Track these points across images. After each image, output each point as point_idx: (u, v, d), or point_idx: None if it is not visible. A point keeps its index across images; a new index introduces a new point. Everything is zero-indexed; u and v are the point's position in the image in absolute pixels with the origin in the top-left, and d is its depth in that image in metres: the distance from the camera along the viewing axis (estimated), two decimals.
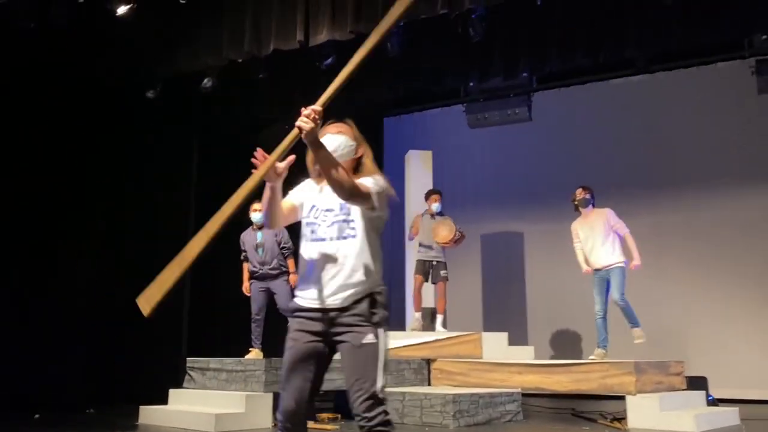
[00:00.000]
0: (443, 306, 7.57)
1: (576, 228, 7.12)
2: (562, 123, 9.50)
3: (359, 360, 2.45)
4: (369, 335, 2.48)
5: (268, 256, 6.48)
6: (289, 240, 6.50)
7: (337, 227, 2.58)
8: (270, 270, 6.47)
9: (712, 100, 8.64)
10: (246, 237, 6.60)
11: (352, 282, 2.53)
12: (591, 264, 6.92)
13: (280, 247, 6.51)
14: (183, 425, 5.71)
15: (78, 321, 7.29)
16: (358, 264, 2.55)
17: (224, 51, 6.83)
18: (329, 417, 6.20)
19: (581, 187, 7.08)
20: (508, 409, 6.39)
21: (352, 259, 2.55)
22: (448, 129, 9.88)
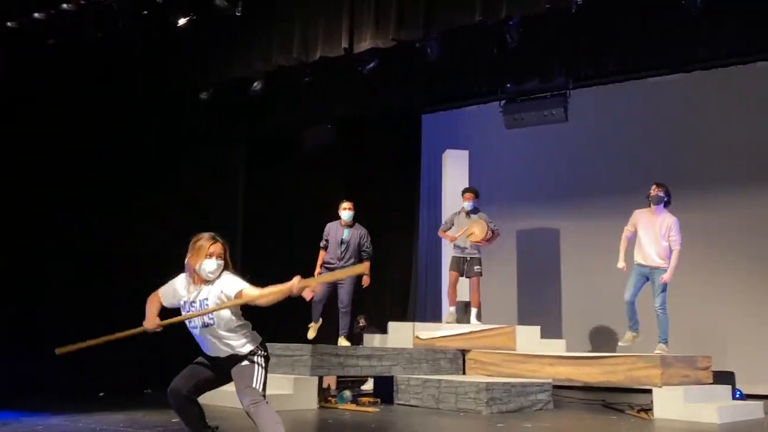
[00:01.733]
0: (477, 300, 7.92)
1: (637, 216, 7.05)
2: (597, 122, 9.72)
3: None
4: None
5: (348, 254, 6.99)
6: (370, 245, 7.08)
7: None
8: (343, 265, 7.00)
9: (750, 100, 8.76)
10: (332, 229, 7.20)
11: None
12: (635, 256, 6.98)
13: (361, 249, 7.01)
14: (235, 405, 6.17)
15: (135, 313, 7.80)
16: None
17: (274, 57, 7.27)
18: (369, 401, 6.63)
19: (656, 183, 7.02)
20: (539, 399, 6.73)
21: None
22: (485, 126, 10.16)
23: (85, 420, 5.09)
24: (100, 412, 5.55)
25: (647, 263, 6.86)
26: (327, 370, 6.56)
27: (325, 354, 6.57)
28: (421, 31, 6.58)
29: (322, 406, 6.41)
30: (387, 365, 6.95)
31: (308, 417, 5.84)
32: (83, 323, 7.07)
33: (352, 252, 7.14)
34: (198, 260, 3.50)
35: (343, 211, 7.18)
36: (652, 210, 6.96)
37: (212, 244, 3.54)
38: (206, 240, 3.55)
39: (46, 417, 5.19)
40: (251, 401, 3.46)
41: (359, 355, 6.82)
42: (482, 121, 10.00)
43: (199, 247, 3.53)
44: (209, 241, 3.55)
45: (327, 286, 7.11)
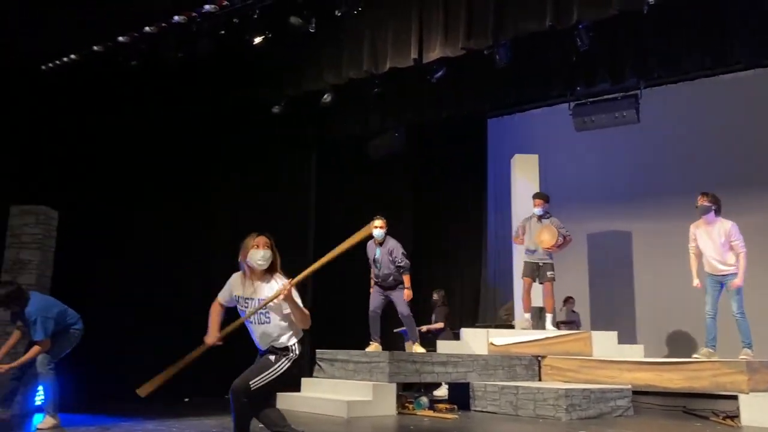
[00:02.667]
0: (551, 305, 7.86)
1: (693, 231, 6.93)
2: (669, 121, 9.53)
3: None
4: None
5: (383, 271, 7.03)
6: (403, 259, 7.02)
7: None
8: (384, 282, 7.06)
9: None
10: (369, 248, 7.18)
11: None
12: (705, 267, 6.84)
13: (395, 265, 7.03)
14: (317, 410, 6.35)
15: None
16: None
17: (344, 70, 7.43)
18: (446, 407, 6.67)
19: (702, 193, 6.84)
20: (619, 405, 6.63)
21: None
22: (552, 129, 10.10)
23: (178, 425, 5.32)
24: (190, 417, 5.78)
25: (716, 273, 6.73)
26: (404, 377, 6.65)
27: (402, 361, 6.66)
28: (490, 39, 6.62)
29: (400, 413, 6.49)
30: (462, 372, 6.99)
31: (388, 423, 5.94)
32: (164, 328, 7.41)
33: (386, 269, 7.04)
34: (246, 253, 3.76)
35: (375, 229, 6.95)
36: (705, 220, 6.78)
37: (257, 236, 3.80)
38: (250, 238, 3.82)
39: (140, 422, 5.45)
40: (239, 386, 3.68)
41: (435, 362, 6.89)
42: (551, 125, 9.94)
43: (245, 243, 3.80)
44: (253, 237, 3.82)
45: (380, 298, 7.11)
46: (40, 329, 5.26)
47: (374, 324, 7.19)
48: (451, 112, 8.69)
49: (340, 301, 8.78)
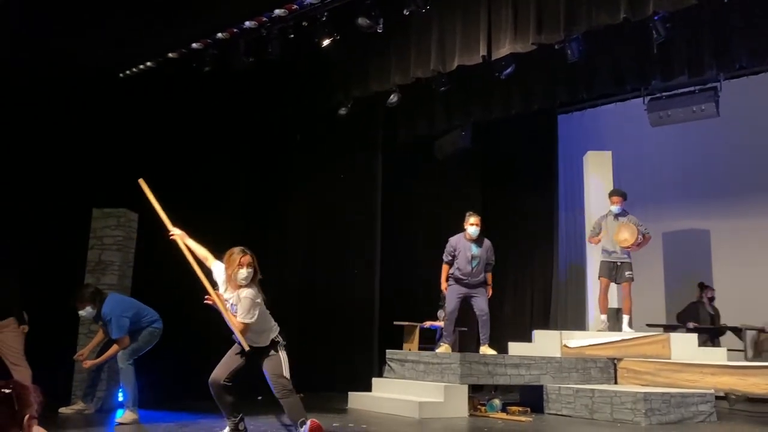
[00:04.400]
0: (629, 306, 7.62)
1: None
2: (750, 115, 9.11)
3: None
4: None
5: (477, 269, 6.99)
6: (493, 256, 7.07)
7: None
8: (472, 280, 7.02)
9: None
10: (459, 245, 7.09)
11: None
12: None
13: (488, 263, 7.04)
14: (389, 411, 6.35)
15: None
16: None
17: (411, 70, 7.40)
18: (519, 410, 6.56)
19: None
20: (701, 410, 6.36)
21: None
22: (626, 125, 9.81)
23: (254, 423, 5.41)
24: (263, 415, 5.87)
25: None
26: (476, 378, 6.57)
27: (474, 362, 6.58)
28: (562, 34, 6.46)
29: (472, 415, 6.41)
30: (536, 374, 6.85)
31: (461, 425, 5.87)
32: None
33: (482, 267, 7.06)
34: (232, 269, 4.29)
35: (471, 226, 7.01)
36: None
37: (242, 257, 4.30)
38: (238, 253, 4.32)
39: (217, 419, 5.55)
40: (283, 389, 4.40)
41: (507, 364, 6.77)
42: (624, 120, 9.67)
43: (232, 259, 4.30)
44: (240, 254, 4.31)
45: (459, 298, 7.06)
46: (116, 328, 5.49)
47: (449, 326, 7.17)
48: (519, 109, 8.54)
49: (404, 301, 8.82)
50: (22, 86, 6.57)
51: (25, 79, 6.57)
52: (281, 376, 4.41)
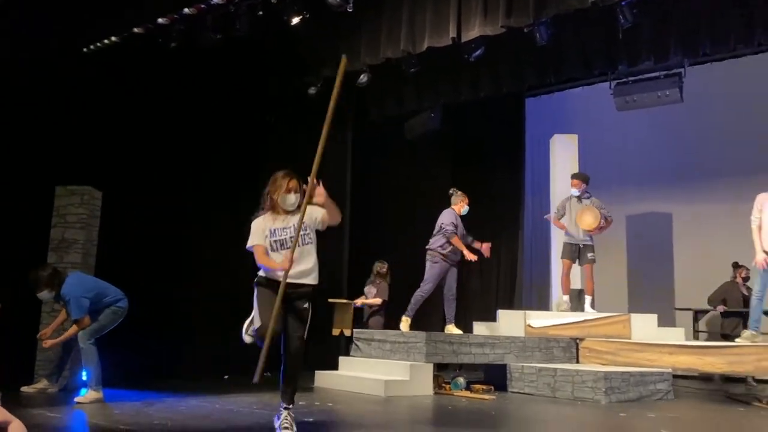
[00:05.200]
0: (591, 287, 7.78)
1: (761, 201, 6.43)
2: (714, 101, 9.30)
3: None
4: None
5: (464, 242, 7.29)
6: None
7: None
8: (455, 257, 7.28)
9: None
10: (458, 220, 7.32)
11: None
12: (765, 244, 6.33)
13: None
14: (355, 389, 6.42)
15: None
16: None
17: (381, 50, 7.39)
18: (483, 388, 6.67)
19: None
20: (659, 388, 6.55)
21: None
22: (592, 109, 9.94)
23: (221, 402, 5.42)
24: (231, 394, 5.89)
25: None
26: (441, 357, 6.66)
27: (439, 341, 6.67)
28: (531, 17, 6.51)
29: (437, 393, 6.52)
30: (500, 353, 6.98)
31: (426, 403, 5.96)
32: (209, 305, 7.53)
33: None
34: (279, 193, 3.93)
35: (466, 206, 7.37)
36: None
37: (290, 180, 3.96)
38: (283, 177, 3.97)
39: (183, 398, 5.57)
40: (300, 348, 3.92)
41: (472, 343, 6.88)
42: (591, 104, 9.79)
43: (279, 184, 3.95)
44: (286, 177, 3.97)
45: (440, 276, 7.15)
46: (75, 308, 5.44)
47: (418, 304, 7.23)
48: (488, 91, 8.58)
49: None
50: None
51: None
52: (303, 338, 3.97)
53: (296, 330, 3.90)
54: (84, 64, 7.28)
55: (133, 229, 7.07)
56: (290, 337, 3.88)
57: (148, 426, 4.23)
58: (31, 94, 6.76)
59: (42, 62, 6.71)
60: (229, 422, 4.49)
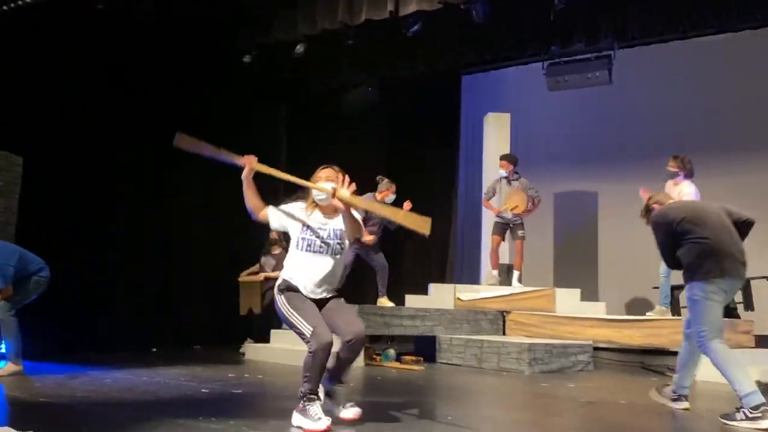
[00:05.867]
0: (520, 263, 8.01)
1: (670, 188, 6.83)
2: (640, 84, 9.61)
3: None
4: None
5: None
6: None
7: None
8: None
9: None
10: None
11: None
12: None
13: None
14: (286, 361, 6.42)
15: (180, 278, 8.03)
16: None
17: (318, 21, 7.29)
18: (412, 359, 6.81)
19: (672, 156, 6.81)
20: (580, 360, 6.85)
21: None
22: (526, 88, 10.10)
23: (148, 374, 5.33)
24: (159, 367, 5.80)
25: None
26: (372, 329, 6.73)
27: (371, 314, 6.74)
28: None
29: (367, 364, 6.60)
30: (429, 325, 7.12)
31: (356, 374, 6.03)
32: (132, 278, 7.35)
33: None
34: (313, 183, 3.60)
35: (390, 196, 7.29)
36: (674, 183, 6.75)
37: (324, 168, 3.71)
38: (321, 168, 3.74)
39: (108, 371, 5.45)
40: (362, 331, 3.52)
41: (403, 315, 6.99)
42: (525, 84, 9.94)
43: (316, 175, 3.70)
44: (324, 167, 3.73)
45: (354, 254, 7.16)
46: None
47: None
48: (425, 68, 8.61)
49: None
50: None
51: None
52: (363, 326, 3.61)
53: (346, 316, 3.57)
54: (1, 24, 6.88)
55: (57, 197, 6.79)
56: (346, 325, 3.50)
57: (70, 398, 4.13)
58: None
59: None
60: (155, 394, 4.43)
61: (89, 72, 7.13)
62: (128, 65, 7.47)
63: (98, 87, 7.24)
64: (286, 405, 4.21)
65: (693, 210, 4.29)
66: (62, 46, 6.91)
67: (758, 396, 3.87)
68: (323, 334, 3.35)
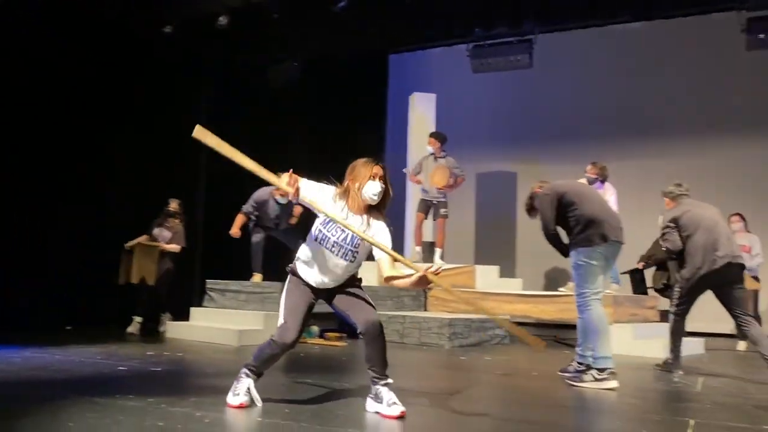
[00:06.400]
0: (442, 240, 8.18)
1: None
2: (561, 69, 9.92)
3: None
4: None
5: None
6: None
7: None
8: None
9: (705, 51, 9.10)
10: (268, 200, 7.15)
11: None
12: None
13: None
14: (207, 339, 6.36)
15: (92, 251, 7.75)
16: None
17: None
18: (336, 336, 6.87)
19: (591, 163, 7.25)
20: (497, 334, 7.10)
21: None
22: (452, 69, 10.24)
23: (61, 353, 5.17)
24: (72, 345, 5.62)
25: None
26: None
27: None
28: None
29: None
30: None
31: None
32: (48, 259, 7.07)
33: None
34: (359, 182, 3.23)
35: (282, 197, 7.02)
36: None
37: (374, 166, 3.27)
38: (368, 164, 3.27)
39: (18, 350, 5.24)
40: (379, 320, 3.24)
41: None
42: (450, 65, 10.07)
43: (358, 171, 3.26)
44: (370, 163, 3.28)
45: (264, 233, 7.15)
46: None
47: (258, 258, 7.20)
48: (353, 45, 8.59)
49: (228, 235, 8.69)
50: None
51: None
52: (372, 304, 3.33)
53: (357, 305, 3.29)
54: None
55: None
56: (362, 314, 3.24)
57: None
58: None
59: None
60: (70, 373, 4.31)
61: (26, 46, 6.75)
62: (62, 37, 7.11)
63: (36, 59, 6.86)
64: (207, 382, 4.20)
65: (574, 186, 4.74)
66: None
67: (610, 362, 4.34)
68: (288, 333, 3.26)
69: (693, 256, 4.99)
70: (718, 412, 3.69)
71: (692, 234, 5.03)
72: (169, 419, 2.96)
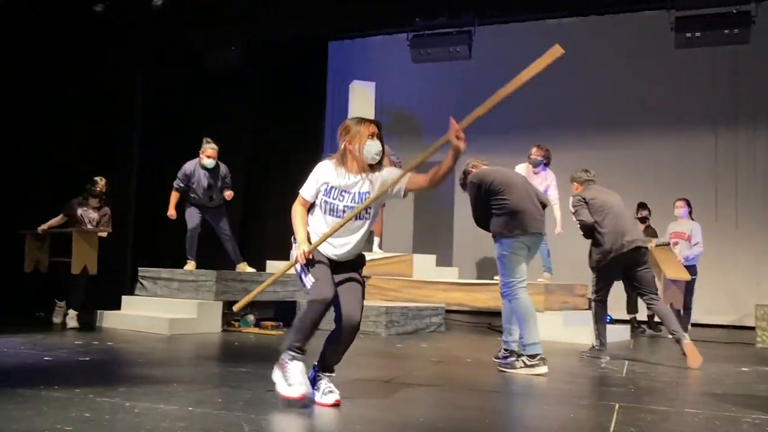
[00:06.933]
0: (380, 229, 8.22)
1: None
2: (499, 61, 10.00)
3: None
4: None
5: (215, 194, 6.94)
6: (229, 177, 7.01)
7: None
8: (209, 204, 6.97)
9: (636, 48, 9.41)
10: (194, 173, 6.88)
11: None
12: None
13: (227, 187, 6.96)
14: (139, 328, 6.21)
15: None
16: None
17: None
18: (272, 324, 6.82)
19: (536, 146, 7.51)
20: (433, 321, 7.19)
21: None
22: (392, 58, 10.26)
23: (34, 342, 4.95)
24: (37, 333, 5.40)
25: None
26: (231, 295, 6.65)
27: (230, 279, 6.66)
28: None
29: (225, 330, 6.53)
30: (290, 291, 7.13)
31: (214, 340, 5.96)
32: None
33: (218, 192, 6.99)
34: (358, 142, 3.15)
35: (207, 159, 6.81)
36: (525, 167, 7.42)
37: (370, 124, 3.21)
38: (364, 123, 3.20)
39: None
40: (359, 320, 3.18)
41: (263, 281, 6.92)
42: (391, 53, 10.08)
43: (355, 129, 3.18)
44: (364, 121, 3.22)
45: (199, 217, 6.93)
46: None
47: (192, 245, 7.03)
48: (292, 30, 8.49)
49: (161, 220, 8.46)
50: None
51: None
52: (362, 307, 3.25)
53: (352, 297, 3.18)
54: None
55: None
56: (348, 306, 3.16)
57: None
58: None
59: None
60: None
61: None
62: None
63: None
64: (137, 372, 4.10)
65: (503, 175, 4.81)
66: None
67: (539, 347, 4.49)
68: (324, 287, 3.07)
69: (603, 239, 5.26)
70: (642, 395, 3.85)
71: (602, 219, 5.29)
72: (96, 410, 2.87)
